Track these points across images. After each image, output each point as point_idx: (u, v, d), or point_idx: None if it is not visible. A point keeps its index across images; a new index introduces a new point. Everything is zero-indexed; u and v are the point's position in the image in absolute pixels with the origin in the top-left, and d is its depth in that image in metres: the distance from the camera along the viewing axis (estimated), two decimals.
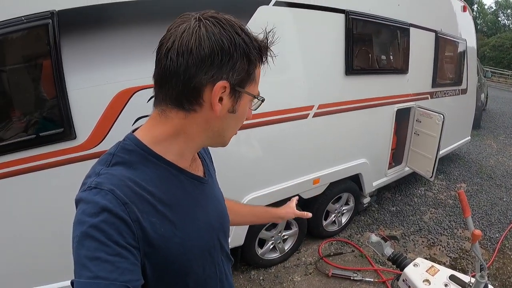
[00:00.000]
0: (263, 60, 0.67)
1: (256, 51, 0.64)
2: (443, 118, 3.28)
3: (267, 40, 0.66)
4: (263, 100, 0.73)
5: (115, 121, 1.76)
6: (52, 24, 1.56)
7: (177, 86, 0.61)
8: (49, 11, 1.57)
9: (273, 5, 2.20)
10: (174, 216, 0.67)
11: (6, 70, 1.59)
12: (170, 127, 0.67)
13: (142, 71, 1.70)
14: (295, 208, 1.24)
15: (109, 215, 0.56)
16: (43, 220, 1.75)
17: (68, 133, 1.68)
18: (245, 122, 0.75)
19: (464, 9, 4.48)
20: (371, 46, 3.09)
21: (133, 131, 0.71)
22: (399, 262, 1.62)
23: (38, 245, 1.78)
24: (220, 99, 0.64)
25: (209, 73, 0.60)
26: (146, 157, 0.66)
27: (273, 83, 2.33)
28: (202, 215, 0.76)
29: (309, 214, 1.25)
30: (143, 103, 1.70)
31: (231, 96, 0.65)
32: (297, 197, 1.31)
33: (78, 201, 0.60)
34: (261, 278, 2.84)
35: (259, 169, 2.48)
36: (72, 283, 0.55)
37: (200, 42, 0.58)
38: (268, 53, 0.67)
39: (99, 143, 1.75)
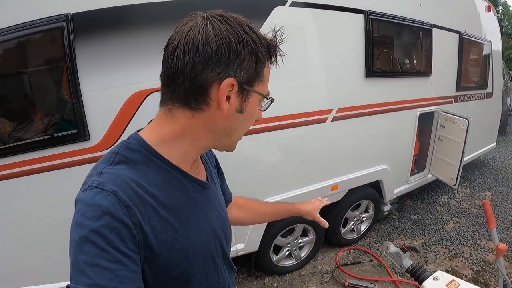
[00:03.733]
0: (272, 58, 0.66)
1: (264, 49, 0.63)
2: (468, 122, 3.15)
3: (276, 38, 0.65)
4: (272, 100, 0.71)
5: (128, 122, 1.76)
6: (67, 26, 1.59)
7: (184, 84, 0.61)
8: (64, 14, 1.59)
9: (289, 6, 2.16)
10: (176, 221, 0.66)
11: (22, 71, 1.62)
12: (177, 127, 0.66)
13: (155, 73, 1.67)
14: (318, 211, 1.21)
15: (110, 219, 0.54)
16: (56, 219, 1.76)
17: (82, 134, 1.70)
18: (260, 126, 0.73)
19: (488, 9, 4.33)
20: (392, 47, 3.00)
21: (138, 130, 0.70)
22: (418, 275, 1.54)
23: (49, 242, 1.80)
24: (228, 98, 0.63)
25: (215, 70, 0.59)
26: (150, 158, 0.65)
27: (291, 86, 2.30)
28: (205, 221, 0.74)
29: (327, 224, 1.21)
30: (156, 105, 1.68)
31: (239, 94, 0.63)
32: (327, 201, 1.27)
33: (77, 201, 0.58)
34: (275, 285, 2.78)
35: (276, 173, 2.44)
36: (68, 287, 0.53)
37: (207, 39, 0.58)
38: (278, 52, 0.66)
39: (113, 145, 1.74)
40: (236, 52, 0.59)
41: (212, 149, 0.88)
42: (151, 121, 0.70)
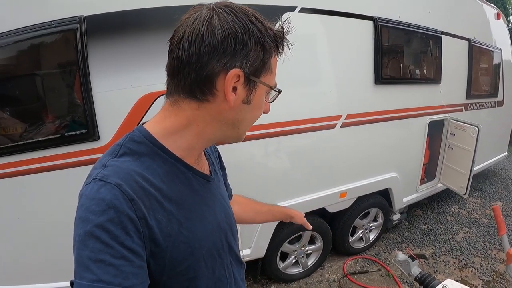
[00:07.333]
0: (279, 49, 0.65)
1: (271, 40, 0.62)
2: (478, 130, 3.11)
3: (283, 29, 0.64)
4: (279, 92, 0.69)
5: (138, 124, 1.75)
6: (80, 28, 1.61)
7: (190, 75, 0.60)
8: (77, 16, 1.62)
9: (298, 12, 2.16)
10: (181, 214, 0.65)
11: (34, 72, 1.65)
12: (182, 119, 0.65)
13: (166, 76, 1.70)
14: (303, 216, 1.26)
15: (115, 213, 0.53)
16: (62, 217, 1.76)
17: (92, 134, 1.71)
18: (269, 131, 0.71)
19: (498, 17, 4.30)
20: (401, 54, 2.99)
21: (143, 123, 0.69)
22: (427, 283, 1.50)
23: (55, 240, 1.76)
24: (234, 89, 0.62)
25: (221, 61, 0.59)
26: (154, 151, 0.64)
27: (300, 92, 2.30)
28: (209, 214, 0.73)
29: (310, 226, 1.26)
30: None
31: (245, 85, 0.62)
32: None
33: (81, 195, 0.57)
34: None
35: (284, 179, 2.42)
36: (71, 283, 0.53)
37: (213, 29, 0.57)
38: (284, 43, 0.65)
39: None
40: (242, 42, 0.58)
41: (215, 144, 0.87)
42: None
